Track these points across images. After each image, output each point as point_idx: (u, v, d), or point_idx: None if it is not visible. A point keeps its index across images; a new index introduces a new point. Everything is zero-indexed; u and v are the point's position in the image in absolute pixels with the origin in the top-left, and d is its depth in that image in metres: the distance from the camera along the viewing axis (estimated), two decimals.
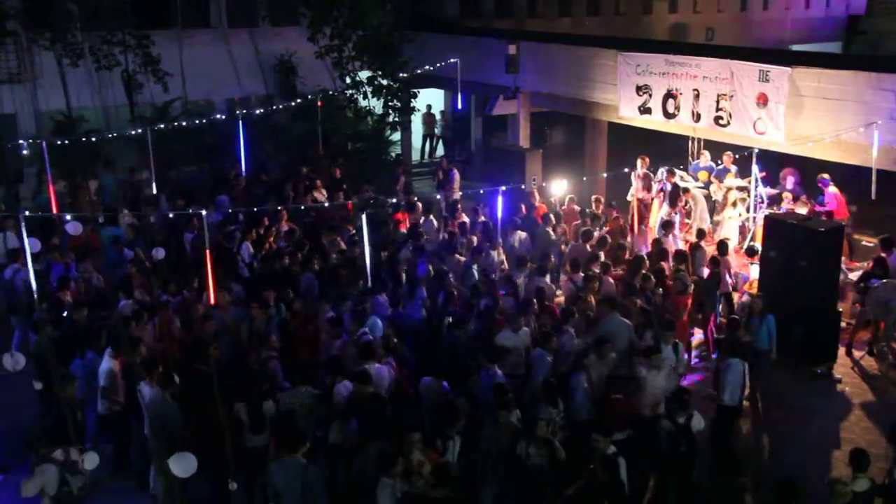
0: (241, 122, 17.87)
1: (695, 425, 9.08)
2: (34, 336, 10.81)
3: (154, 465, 9.48)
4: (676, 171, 17.23)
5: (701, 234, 14.73)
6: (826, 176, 16.05)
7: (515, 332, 10.59)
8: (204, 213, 12.69)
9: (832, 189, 16.03)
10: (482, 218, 15.66)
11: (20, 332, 11.33)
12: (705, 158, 17.71)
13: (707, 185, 17.54)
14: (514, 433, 8.54)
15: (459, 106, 22.35)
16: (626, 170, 17.44)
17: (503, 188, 14.13)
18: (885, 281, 12.93)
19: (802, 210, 15.44)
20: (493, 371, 9.64)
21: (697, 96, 16.48)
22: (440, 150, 27.41)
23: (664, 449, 8.81)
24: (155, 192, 17.48)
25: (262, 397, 9.03)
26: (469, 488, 8.38)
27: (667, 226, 15.07)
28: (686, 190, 16.78)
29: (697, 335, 13.27)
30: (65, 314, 11.35)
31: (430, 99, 25.85)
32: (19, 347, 10.83)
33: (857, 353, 13.31)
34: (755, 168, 15.94)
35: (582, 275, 12.75)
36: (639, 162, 17.56)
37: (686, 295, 12.23)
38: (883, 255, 13.48)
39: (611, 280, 12.72)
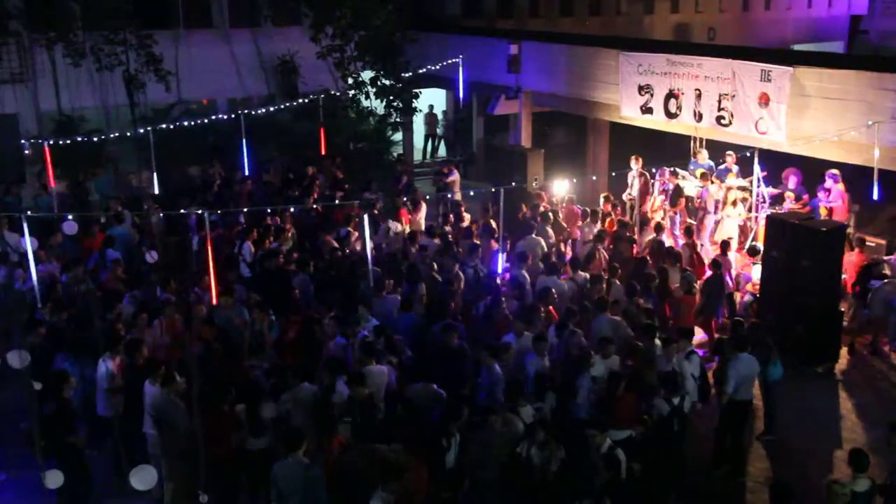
0: (242, 123, 17.88)
1: (686, 406, 9.20)
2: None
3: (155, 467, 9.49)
4: (679, 171, 17.21)
5: (688, 232, 14.74)
6: (836, 172, 15.90)
7: (518, 337, 10.51)
8: (206, 213, 12.72)
9: (840, 186, 15.94)
10: (484, 219, 15.67)
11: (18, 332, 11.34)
12: (703, 157, 17.70)
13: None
14: (513, 435, 8.53)
15: (461, 106, 22.35)
16: (629, 170, 17.43)
17: (504, 188, 14.10)
18: (886, 281, 12.93)
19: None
20: (493, 368, 9.61)
21: (699, 96, 16.46)
22: (442, 150, 27.43)
23: (657, 428, 8.93)
24: (157, 191, 17.53)
25: (260, 399, 9.02)
26: (470, 490, 8.33)
27: (658, 227, 15.07)
28: (703, 175, 16.68)
29: (699, 335, 13.25)
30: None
31: (432, 99, 25.86)
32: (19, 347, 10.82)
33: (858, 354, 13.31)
34: (757, 168, 15.92)
35: (583, 274, 12.78)
36: (632, 162, 17.48)
37: (691, 295, 12.23)
38: (887, 257, 13.49)
39: (618, 282, 12.72)
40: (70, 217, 12.19)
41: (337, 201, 16.07)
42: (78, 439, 8.94)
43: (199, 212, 13.32)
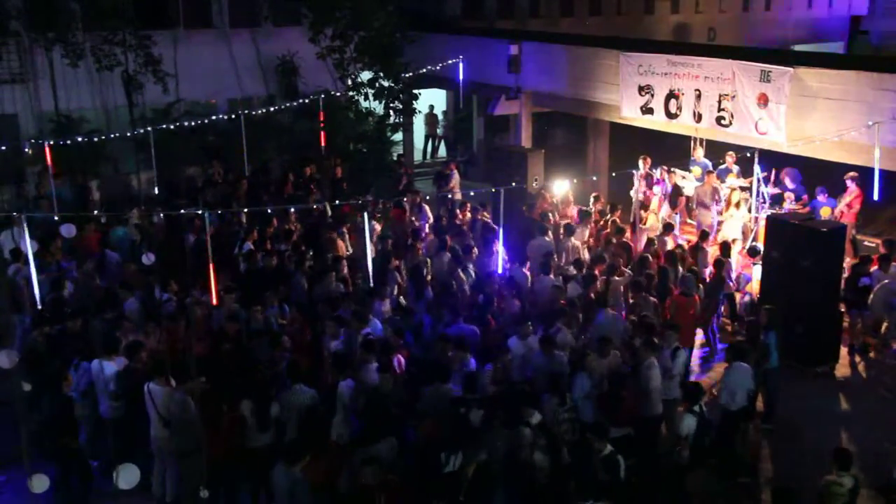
0: (242, 123, 17.87)
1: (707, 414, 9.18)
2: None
3: (157, 467, 9.51)
4: (677, 171, 17.21)
5: (704, 235, 14.70)
6: (855, 174, 15.73)
7: (524, 339, 10.45)
8: (206, 213, 12.73)
9: (856, 189, 15.81)
10: (485, 218, 15.67)
11: (21, 330, 11.36)
12: (698, 154, 17.73)
13: (701, 181, 17.48)
14: (519, 441, 8.52)
15: (461, 106, 22.35)
16: (629, 170, 17.43)
17: (504, 188, 14.10)
18: (885, 281, 12.92)
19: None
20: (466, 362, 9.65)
21: (699, 96, 16.45)
22: (442, 151, 27.43)
23: (693, 441, 8.91)
24: (157, 192, 17.52)
25: (269, 398, 9.03)
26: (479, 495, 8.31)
27: (668, 226, 15.04)
28: (709, 172, 16.73)
29: (699, 335, 13.25)
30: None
31: (432, 99, 25.85)
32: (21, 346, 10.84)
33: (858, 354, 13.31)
34: (757, 168, 15.92)
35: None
36: (641, 162, 17.55)
37: (689, 296, 12.22)
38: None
39: (617, 279, 12.71)
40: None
41: (328, 204, 16.05)
42: (72, 440, 8.93)
43: (199, 212, 13.32)
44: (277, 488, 7.90)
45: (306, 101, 20.05)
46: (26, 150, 17.29)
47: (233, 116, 18.55)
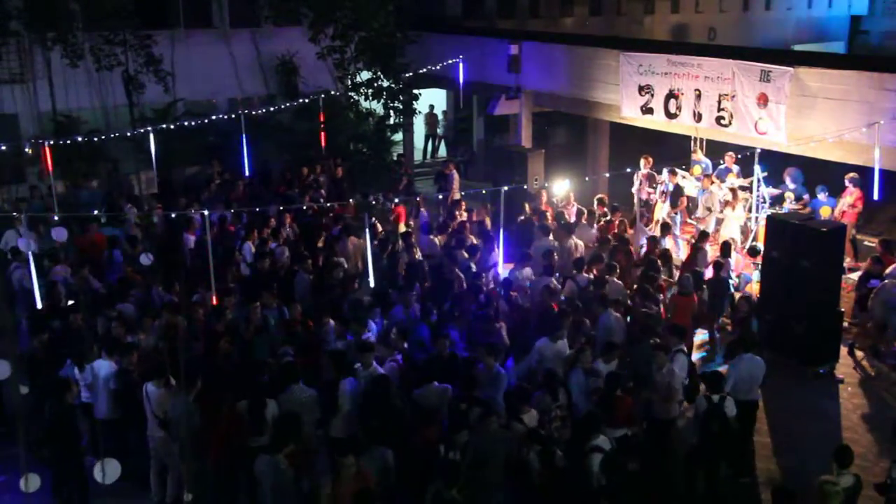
0: (242, 123, 17.87)
1: (728, 408, 9.14)
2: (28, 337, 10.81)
3: (154, 468, 9.51)
4: (678, 170, 17.21)
5: (704, 235, 14.69)
6: (856, 175, 15.72)
7: (554, 342, 10.35)
8: (206, 213, 12.73)
9: (857, 190, 15.82)
10: (479, 218, 15.68)
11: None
12: (698, 154, 17.75)
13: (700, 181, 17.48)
14: (514, 436, 8.52)
15: (461, 106, 22.35)
16: (629, 170, 17.44)
17: (505, 188, 14.09)
18: (886, 282, 12.91)
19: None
20: (492, 366, 9.64)
21: (699, 96, 16.45)
22: (442, 151, 27.42)
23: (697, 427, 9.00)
24: (157, 191, 17.51)
25: (265, 399, 9.04)
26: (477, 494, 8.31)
27: (665, 227, 15.03)
28: (706, 175, 16.74)
29: (701, 335, 13.25)
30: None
31: (432, 99, 25.85)
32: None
33: (859, 354, 13.30)
34: (757, 168, 15.91)
35: (586, 275, 12.76)
36: (642, 161, 17.57)
37: (686, 297, 12.20)
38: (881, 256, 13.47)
39: (616, 281, 12.70)
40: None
41: (326, 203, 16.04)
42: (73, 446, 8.93)
43: (201, 212, 13.32)
44: (261, 477, 7.99)
45: (306, 101, 20.06)
46: (26, 149, 17.30)
47: (233, 116, 18.55)
